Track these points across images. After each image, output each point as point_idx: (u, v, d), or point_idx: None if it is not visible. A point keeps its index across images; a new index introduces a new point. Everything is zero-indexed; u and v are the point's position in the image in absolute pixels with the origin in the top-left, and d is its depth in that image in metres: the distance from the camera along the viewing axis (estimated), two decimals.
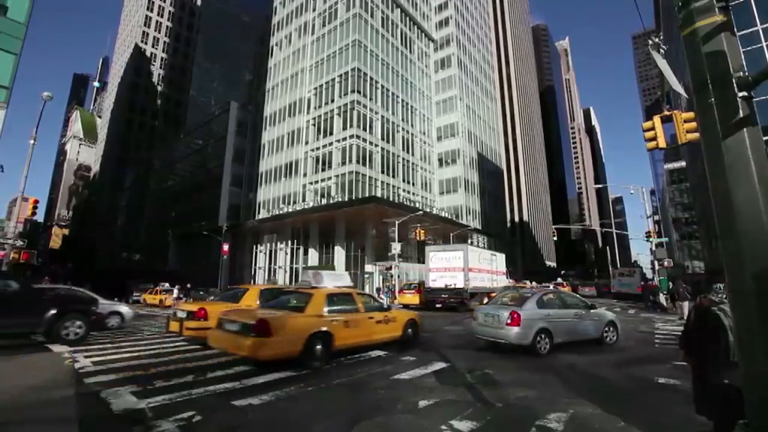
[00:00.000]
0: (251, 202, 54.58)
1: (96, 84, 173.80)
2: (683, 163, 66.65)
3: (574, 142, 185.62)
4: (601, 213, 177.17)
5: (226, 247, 41.15)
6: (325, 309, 7.87)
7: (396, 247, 33.31)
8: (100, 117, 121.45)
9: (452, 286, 22.65)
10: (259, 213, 51.78)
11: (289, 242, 48.14)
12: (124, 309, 13.66)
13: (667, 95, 55.93)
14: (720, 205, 2.87)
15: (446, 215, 49.89)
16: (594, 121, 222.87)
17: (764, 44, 31.69)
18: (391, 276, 32.86)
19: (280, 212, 46.31)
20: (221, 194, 55.69)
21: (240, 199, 57.06)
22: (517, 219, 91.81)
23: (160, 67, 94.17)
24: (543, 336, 8.75)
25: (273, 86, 55.06)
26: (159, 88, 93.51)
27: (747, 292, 2.60)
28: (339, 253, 42.17)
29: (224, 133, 57.92)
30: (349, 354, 8.26)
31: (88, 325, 10.02)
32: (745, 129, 2.86)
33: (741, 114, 2.87)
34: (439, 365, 7.43)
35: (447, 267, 23.34)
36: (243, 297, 10.00)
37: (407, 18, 55.86)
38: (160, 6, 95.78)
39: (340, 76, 44.43)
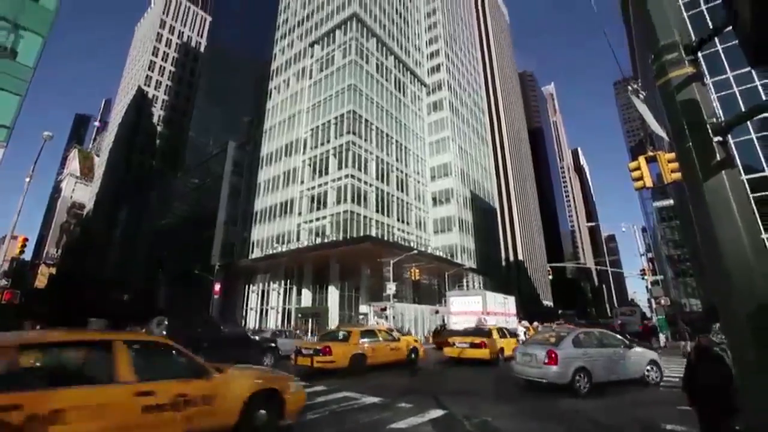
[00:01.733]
0: (245, 240, 54.26)
1: (96, 124, 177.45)
2: (671, 201, 68.11)
3: (564, 181, 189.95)
4: (595, 251, 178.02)
5: (217, 287, 40.33)
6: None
7: (391, 287, 32.90)
8: (98, 156, 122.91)
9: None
10: (252, 252, 51.33)
11: (282, 282, 47.37)
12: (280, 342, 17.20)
13: (650, 136, 58.23)
14: (707, 245, 2.94)
15: (441, 254, 49.79)
16: (582, 161, 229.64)
17: (736, 90, 33.66)
18: (386, 317, 32.16)
19: (274, 251, 45.96)
20: (215, 233, 55.43)
21: (234, 238, 56.75)
22: (512, 258, 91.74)
23: (161, 108, 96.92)
24: (582, 375, 8.58)
25: (270, 127, 56.58)
26: (159, 128, 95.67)
27: (742, 333, 2.60)
28: (333, 294, 41.45)
29: (221, 172, 58.67)
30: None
31: (276, 358, 15.06)
32: (723, 172, 2.96)
33: (718, 157, 2.98)
34: (436, 413, 7.14)
35: (467, 311, 25.87)
36: (351, 336, 13.44)
37: (401, 64, 58.80)
38: (164, 52, 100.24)
39: (336, 118, 45.91)
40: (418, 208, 54.04)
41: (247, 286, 52.10)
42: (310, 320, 41.03)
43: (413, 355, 15.12)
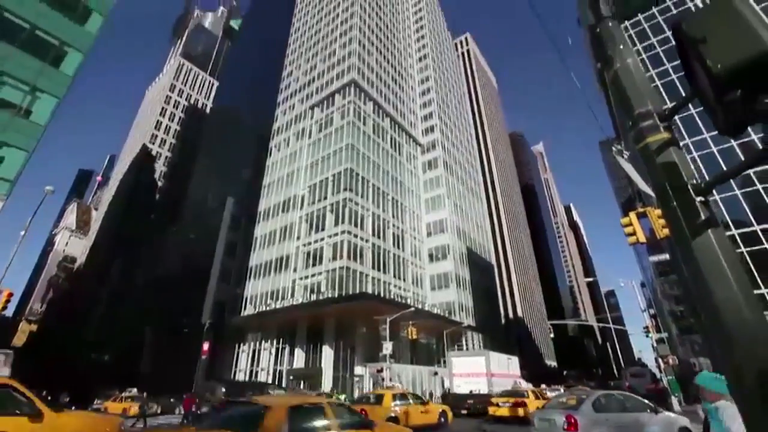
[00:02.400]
0: (238, 296, 52.92)
1: (98, 179, 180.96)
2: (667, 256, 68.14)
3: (560, 237, 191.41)
4: (596, 307, 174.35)
5: (206, 346, 38.50)
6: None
7: (387, 347, 31.60)
8: (96, 209, 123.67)
9: (477, 392, 23.91)
10: (245, 309, 49.82)
11: (275, 341, 45.42)
12: None
13: (638, 193, 59.85)
14: (702, 304, 2.91)
15: (439, 312, 48.53)
16: (576, 217, 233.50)
17: (714, 149, 35.38)
18: (382, 379, 30.48)
19: (268, 308, 44.66)
20: (208, 289, 54.20)
21: (227, 294, 55.40)
22: (511, 315, 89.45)
23: (163, 165, 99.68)
24: None
25: (269, 183, 57.85)
26: (159, 184, 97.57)
27: (750, 393, 2.49)
28: (327, 354, 39.60)
29: (218, 226, 58.86)
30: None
31: None
32: (709, 230, 2.99)
33: (702, 217, 3.03)
34: None
35: (470, 372, 25.04)
36: (384, 400, 14.01)
37: (396, 125, 61.87)
38: (171, 112, 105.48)
39: (334, 175, 47.20)
40: (415, 264, 53.68)
41: (237, 346, 49.81)
42: (302, 383, 38.72)
43: (443, 419, 15.88)
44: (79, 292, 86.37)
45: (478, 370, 24.89)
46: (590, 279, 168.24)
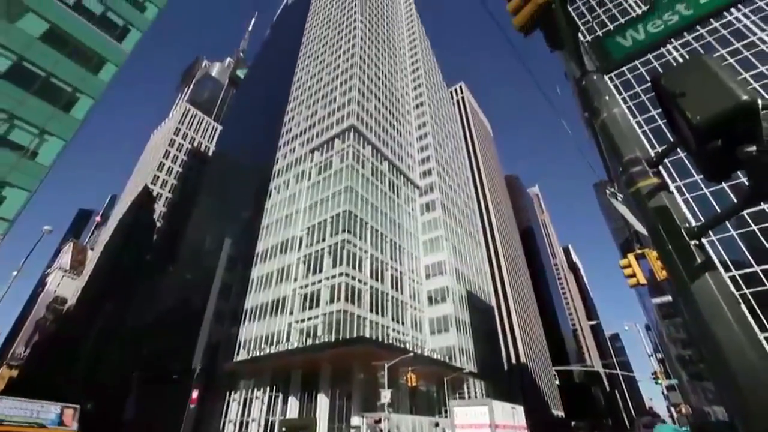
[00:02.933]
0: (232, 340, 51.17)
1: (97, 219, 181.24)
2: (669, 298, 67.01)
3: (560, 279, 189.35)
4: (601, 351, 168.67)
5: (195, 395, 36.67)
6: None
7: (386, 395, 30.15)
8: (92, 249, 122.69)
9: None
10: (238, 354, 48.01)
11: (268, 389, 43.31)
12: None
13: (635, 234, 60.05)
14: (706, 348, 2.86)
15: (438, 357, 46.86)
16: (575, 258, 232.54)
17: (706, 191, 36.04)
18: (380, 431, 28.78)
19: (262, 353, 43.05)
20: (200, 332, 52.54)
21: (219, 338, 53.61)
22: (513, 361, 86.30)
23: (163, 206, 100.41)
24: None
25: (268, 224, 58.00)
26: (158, 224, 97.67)
27: None
28: (322, 403, 37.65)
29: (214, 267, 58.19)
30: None
31: None
32: (707, 273, 2.99)
33: (698, 260, 3.04)
34: None
35: (473, 423, 24.01)
36: None
37: (394, 168, 63.24)
38: (175, 155, 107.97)
39: (332, 217, 47.49)
40: (414, 307, 52.60)
41: (228, 394, 47.39)
42: None
43: None
44: (66, 336, 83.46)
45: (481, 421, 23.75)
46: (593, 322, 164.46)
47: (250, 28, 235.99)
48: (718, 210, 32.85)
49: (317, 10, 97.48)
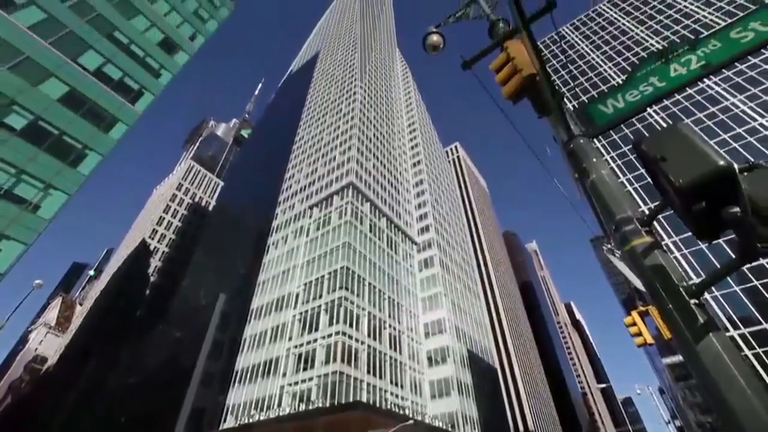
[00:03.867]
0: (219, 405, 47.82)
1: (91, 272, 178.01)
2: (680, 357, 63.83)
3: (564, 338, 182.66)
4: (615, 419, 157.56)
5: None
6: None
7: None
8: (81, 305, 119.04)
9: None
10: (225, 421, 44.62)
11: None
12: None
13: (637, 291, 59.01)
14: (719, 413, 2.71)
15: (440, 424, 43.65)
16: (578, 315, 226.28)
17: (703, 245, 36.08)
18: None
19: (251, 420, 40.04)
20: (187, 394, 49.27)
21: (207, 402, 50.16)
22: (521, 427, 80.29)
23: (159, 260, 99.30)
24: None
25: (264, 280, 57.06)
26: (152, 279, 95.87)
27: None
28: None
29: (206, 324, 56.16)
30: None
31: None
32: (710, 334, 2.92)
33: (701, 320, 2.98)
34: None
35: None
36: None
37: (392, 225, 63.80)
38: (175, 210, 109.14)
39: (330, 273, 46.92)
40: (413, 368, 50.06)
41: None
42: None
43: None
44: (41, 399, 77.91)
45: None
46: (603, 385, 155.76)
47: (256, 93, 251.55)
48: (717, 265, 32.75)
49: (320, 76, 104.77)
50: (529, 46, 3.80)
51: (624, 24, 67.94)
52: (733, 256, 2.57)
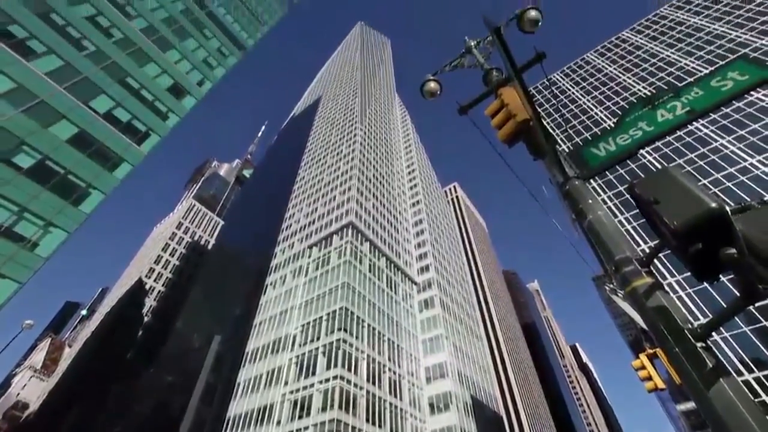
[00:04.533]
0: None
1: (84, 312, 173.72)
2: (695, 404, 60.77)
3: (571, 382, 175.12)
4: None
5: None
6: None
7: None
8: (70, 347, 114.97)
9: None
10: None
11: None
12: None
13: (643, 332, 57.40)
14: None
15: None
16: (585, 358, 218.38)
17: (707, 284, 35.47)
18: None
19: None
20: None
21: None
22: None
23: (154, 299, 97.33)
24: None
25: (261, 321, 55.68)
26: (146, 319, 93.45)
27: None
28: None
29: (199, 368, 54.03)
30: None
31: None
32: (721, 379, 2.81)
33: (709, 364, 2.87)
34: None
35: None
36: None
37: (392, 265, 63.28)
38: (174, 248, 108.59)
39: (328, 314, 45.90)
40: (414, 416, 47.56)
41: None
42: None
43: None
44: None
45: None
46: None
47: (259, 134, 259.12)
48: (723, 304, 31.98)
49: (322, 119, 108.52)
50: (521, 93, 4.00)
51: (611, 71, 71.47)
52: (738, 295, 2.55)
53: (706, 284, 32.63)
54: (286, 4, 75.13)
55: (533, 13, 5.22)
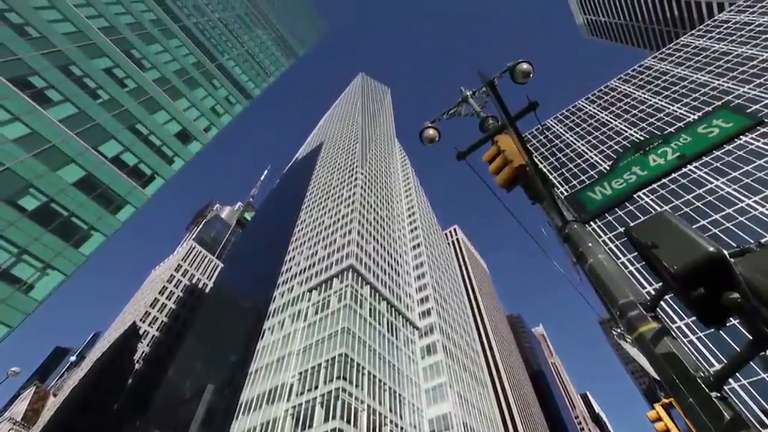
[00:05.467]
0: None
1: (73, 358, 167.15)
2: None
3: None
4: None
5: None
6: None
7: None
8: (55, 395, 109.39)
9: None
10: None
11: None
12: None
13: (657, 380, 54.83)
14: None
15: None
16: (597, 408, 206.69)
17: (702, 333, 34.39)
18: None
19: None
20: None
21: None
22: None
23: (148, 345, 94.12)
24: None
25: (257, 369, 53.51)
26: (137, 366, 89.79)
27: None
28: None
29: (189, 420, 51.09)
30: None
31: None
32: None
33: (727, 416, 2.73)
34: None
35: None
36: None
37: (393, 309, 61.92)
38: (171, 291, 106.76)
39: (327, 361, 44.22)
40: None
41: None
42: None
43: None
44: None
45: None
46: None
47: (262, 178, 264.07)
48: (736, 348, 30.80)
49: (323, 163, 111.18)
50: (516, 140, 4.15)
51: (603, 117, 74.23)
52: (749, 340, 2.48)
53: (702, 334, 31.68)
54: (291, 56, 79.86)
55: (525, 66, 5.55)
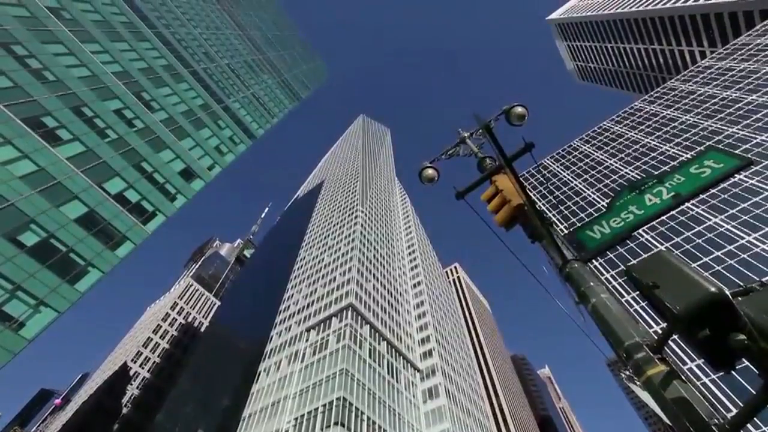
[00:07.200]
0: None
1: (57, 402, 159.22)
2: None
3: None
4: None
5: None
6: None
7: None
8: None
9: None
10: None
11: None
12: None
13: (670, 426, 52.00)
14: None
15: None
16: None
17: (715, 375, 33.03)
18: None
19: None
20: None
21: None
22: None
23: (137, 387, 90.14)
24: None
25: (250, 414, 50.96)
26: (124, 410, 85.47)
27: None
28: None
29: None
30: None
31: None
32: None
33: None
34: None
35: None
36: None
37: (393, 350, 59.98)
38: (165, 330, 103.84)
39: (324, 405, 42.23)
40: None
41: None
42: None
43: None
44: None
45: None
46: None
47: (263, 215, 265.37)
48: (751, 390, 29.37)
49: (324, 201, 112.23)
50: (514, 181, 4.24)
51: (598, 156, 75.88)
52: (762, 383, 2.39)
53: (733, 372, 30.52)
54: (294, 99, 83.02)
55: (519, 109, 5.77)
